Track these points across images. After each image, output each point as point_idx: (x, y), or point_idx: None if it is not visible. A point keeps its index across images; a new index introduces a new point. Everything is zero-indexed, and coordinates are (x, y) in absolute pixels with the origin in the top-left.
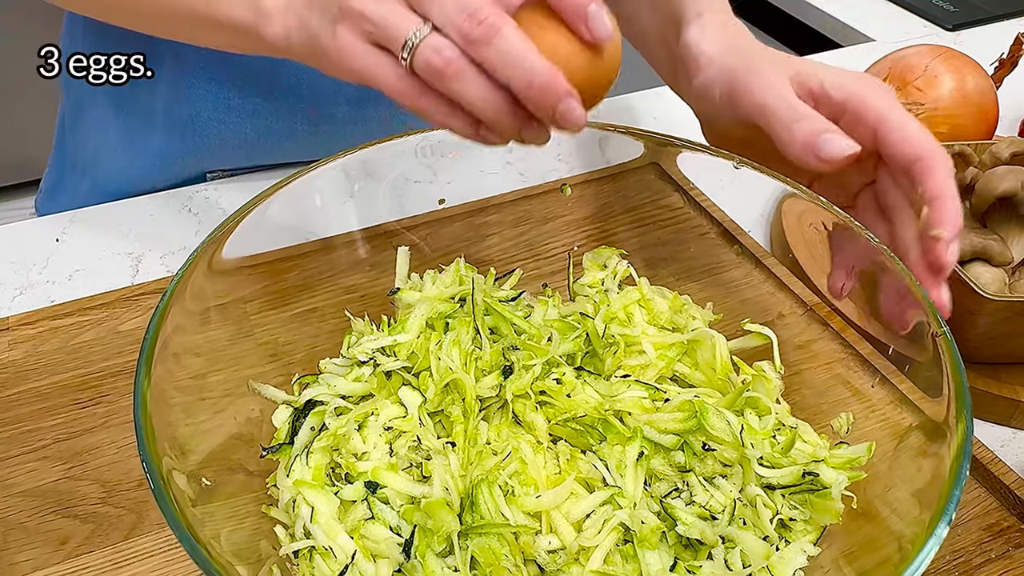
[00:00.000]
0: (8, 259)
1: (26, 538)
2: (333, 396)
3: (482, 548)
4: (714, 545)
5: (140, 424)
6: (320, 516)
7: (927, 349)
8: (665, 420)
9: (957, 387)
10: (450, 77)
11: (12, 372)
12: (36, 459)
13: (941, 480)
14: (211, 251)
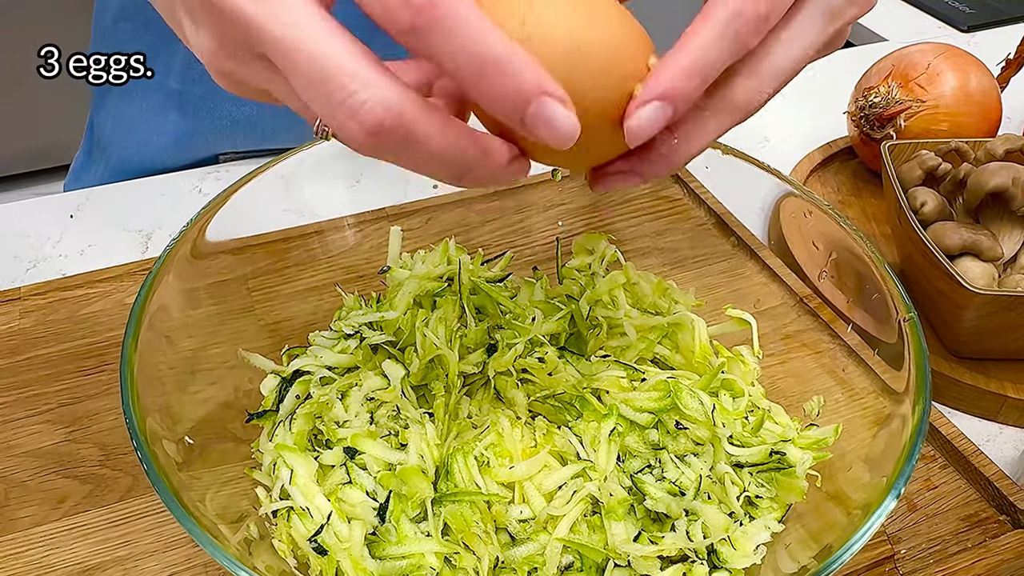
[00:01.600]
0: (24, 233)
1: (27, 496)
2: (319, 367)
3: (454, 515)
4: (678, 517)
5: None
6: (299, 478)
7: (894, 333)
8: (640, 399)
9: (918, 370)
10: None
11: (21, 339)
12: (40, 422)
13: (895, 455)
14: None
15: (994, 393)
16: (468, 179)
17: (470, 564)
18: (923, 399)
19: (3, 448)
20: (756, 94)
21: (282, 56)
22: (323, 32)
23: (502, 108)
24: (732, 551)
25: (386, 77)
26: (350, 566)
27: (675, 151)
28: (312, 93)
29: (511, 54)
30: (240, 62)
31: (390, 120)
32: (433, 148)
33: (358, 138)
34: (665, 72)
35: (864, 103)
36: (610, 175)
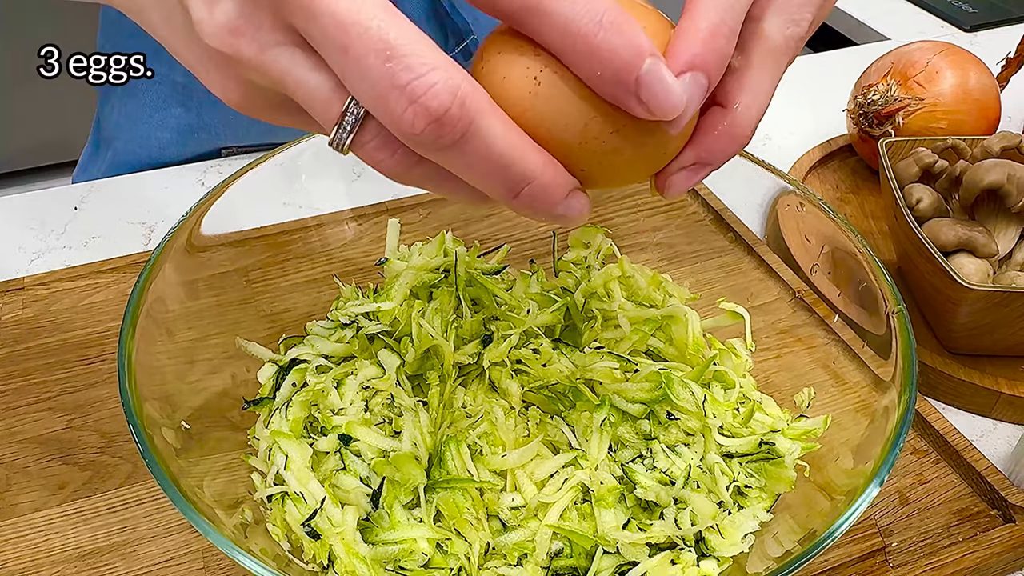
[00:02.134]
0: (28, 225)
1: (28, 482)
2: (316, 355)
3: (446, 501)
4: (667, 506)
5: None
6: (293, 464)
7: (883, 324)
8: (632, 390)
9: (905, 361)
10: (412, 181)
11: (25, 328)
12: (42, 409)
13: (880, 443)
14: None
15: (988, 389)
16: (524, 194)
17: (461, 550)
18: (909, 389)
19: (5, 435)
20: (794, 26)
21: (335, 29)
22: (385, 8)
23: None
24: (720, 539)
25: (453, 63)
26: (343, 550)
27: (737, 121)
28: (367, 73)
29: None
30: (261, 45)
31: (456, 107)
32: (495, 148)
33: (416, 127)
34: (681, 40)
35: (863, 101)
36: (677, 173)
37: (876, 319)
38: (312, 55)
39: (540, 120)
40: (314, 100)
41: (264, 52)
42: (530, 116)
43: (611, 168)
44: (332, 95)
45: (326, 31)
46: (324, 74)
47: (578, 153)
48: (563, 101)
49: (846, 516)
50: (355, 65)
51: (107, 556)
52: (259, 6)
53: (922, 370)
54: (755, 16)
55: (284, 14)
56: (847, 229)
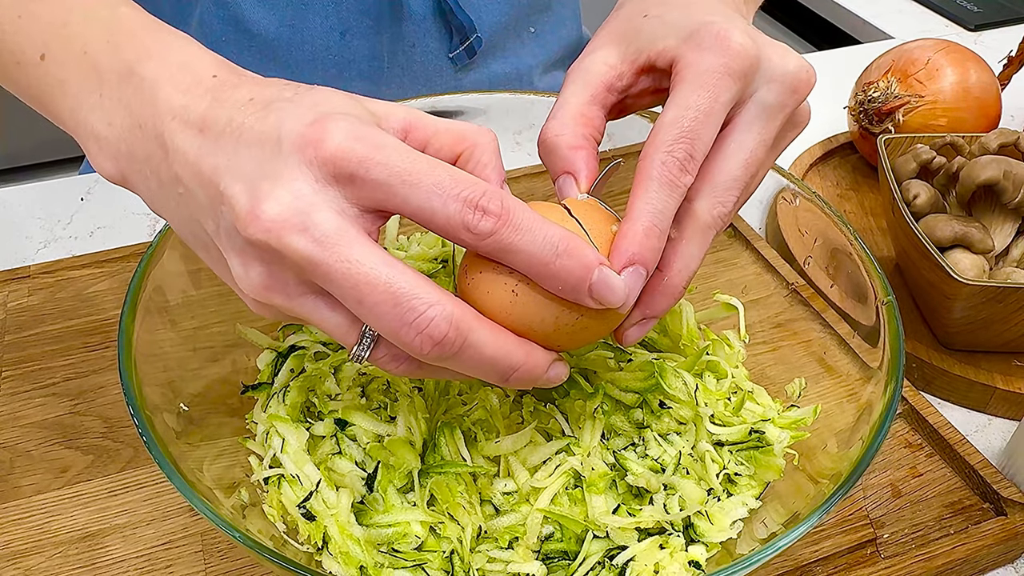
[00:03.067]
0: (35, 215)
1: (31, 465)
2: (314, 342)
3: (440, 486)
4: (656, 492)
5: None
6: (290, 447)
7: (873, 315)
8: (626, 378)
9: (893, 352)
10: (423, 375)
11: (30, 316)
12: (46, 395)
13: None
14: None
15: (983, 384)
16: (514, 378)
17: (454, 533)
18: (896, 377)
19: (9, 419)
20: (720, 207)
21: (350, 288)
22: (384, 263)
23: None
24: (709, 525)
25: (445, 294)
26: (337, 532)
27: (671, 283)
28: (381, 317)
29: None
30: (289, 296)
31: (452, 332)
32: (486, 352)
33: (424, 349)
34: (623, 241)
35: (863, 98)
36: (629, 329)
37: (866, 310)
38: (331, 299)
39: (520, 319)
40: (335, 332)
41: (291, 300)
42: (513, 319)
43: (580, 339)
44: (349, 329)
45: (343, 290)
46: (341, 313)
47: (553, 337)
48: (537, 306)
49: (829, 500)
50: (369, 312)
51: (107, 538)
52: (284, 269)
53: (918, 365)
54: (690, 198)
55: (306, 276)
56: (840, 222)
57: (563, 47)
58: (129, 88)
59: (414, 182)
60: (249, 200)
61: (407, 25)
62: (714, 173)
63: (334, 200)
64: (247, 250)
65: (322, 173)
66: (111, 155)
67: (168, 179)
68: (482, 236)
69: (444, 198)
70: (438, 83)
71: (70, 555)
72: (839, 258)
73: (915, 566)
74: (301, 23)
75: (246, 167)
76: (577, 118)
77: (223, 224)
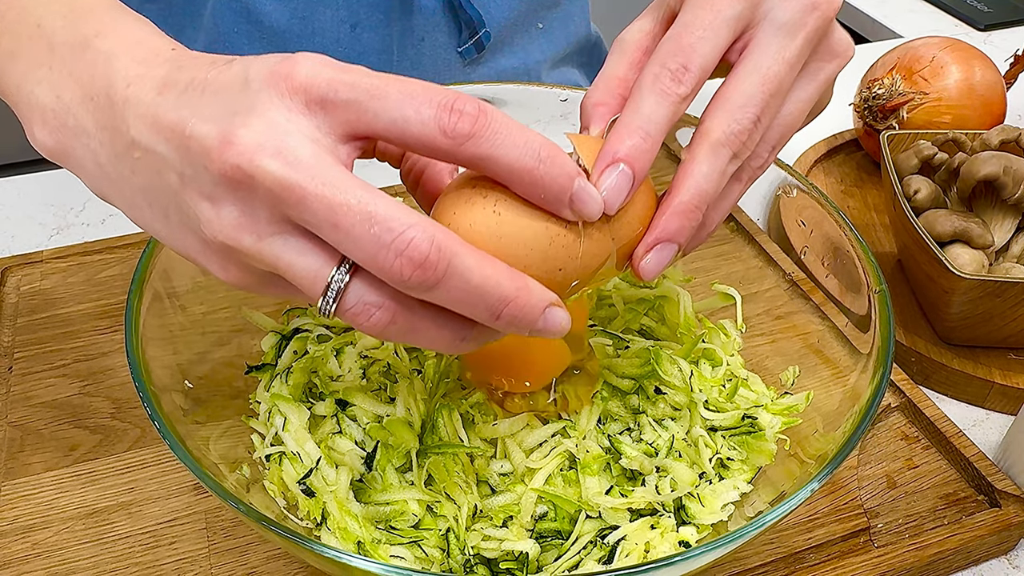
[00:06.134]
0: (49, 202)
1: (41, 443)
2: (317, 325)
3: (437, 466)
4: (649, 474)
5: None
6: (291, 426)
7: (865, 304)
8: (623, 365)
9: (883, 339)
10: (393, 335)
11: (42, 299)
12: (56, 376)
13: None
14: None
15: (981, 379)
16: (505, 314)
17: (450, 512)
18: (884, 364)
19: (21, 398)
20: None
21: (325, 211)
22: (359, 186)
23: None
24: (700, 507)
25: (426, 218)
26: (335, 508)
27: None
28: (357, 240)
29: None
30: (260, 235)
31: (434, 253)
32: (473, 279)
33: (405, 274)
34: (607, 145)
35: (868, 95)
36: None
37: (859, 299)
38: (301, 240)
39: (512, 240)
40: (302, 280)
41: (261, 241)
42: (503, 244)
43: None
44: (317, 275)
45: (318, 214)
46: (310, 257)
47: (552, 256)
48: (523, 217)
49: (815, 477)
50: (346, 236)
51: (114, 515)
52: (256, 201)
53: (917, 359)
54: (702, 120)
55: (281, 208)
56: (836, 214)
57: (571, 43)
58: (82, 62)
59: (383, 95)
60: (220, 132)
61: (417, 19)
62: (727, 93)
63: (308, 129)
64: (217, 188)
65: (294, 103)
66: (54, 128)
67: (122, 147)
68: (460, 139)
69: (417, 104)
70: (447, 77)
71: (77, 530)
72: (834, 248)
73: (908, 555)
74: (312, 15)
75: (213, 110)
76: (611, 83)
77: (189, 168)
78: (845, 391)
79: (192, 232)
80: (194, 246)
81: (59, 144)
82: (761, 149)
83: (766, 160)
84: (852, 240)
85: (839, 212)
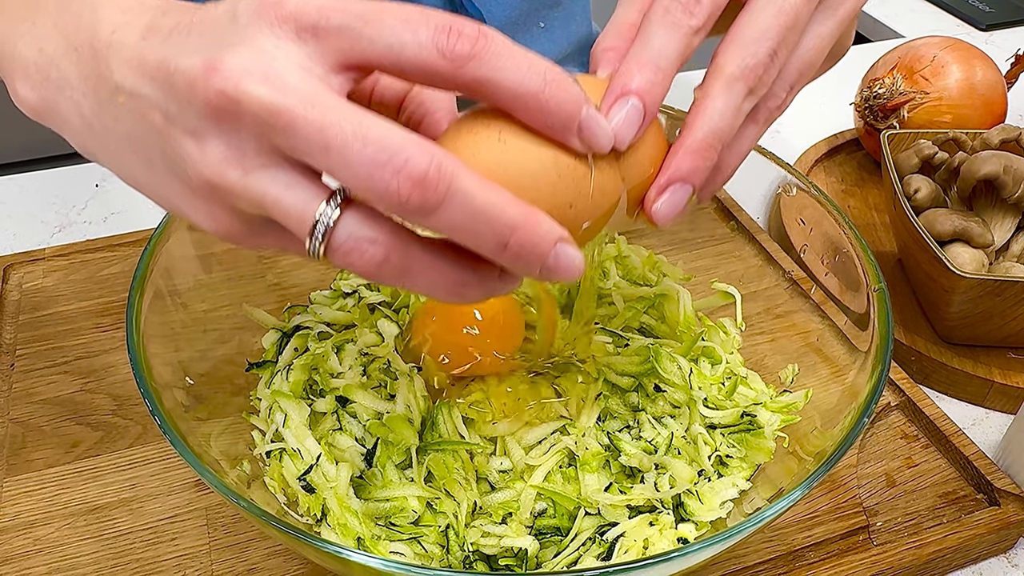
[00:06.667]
0: (51, 200)
1: (42, 440)
2: (318, 323)
3: (437, 462)
4: (648, 470)
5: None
6: (292, 422)
7: (864, 302)
8: (623, 362)
9: (881, 337)
10: (387, 276)
11: (44, 296)
12: (57, 372)
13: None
14: None
15: (981, 378)
16: (513, 244)
17: (450, 508)
18: (883, 361)
19: (23, 395)
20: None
21: (316, 134)
22: (351, 108)
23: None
24: (699, 505)
25: (423, 138)
26: (335, 504)
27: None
28: (350, 161)
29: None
30: (246, 169)
31: (434, 170)
32: (477, 202)
33: (403, 194)
34: (616, 79)
35: (869, 94)
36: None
37: (858, 297)
38: (289, 173)
39: (518, 171)
40: (289, 216)
41: (247, 175)
42: (511, 172)
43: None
44: (305, 210)
45: (308, 138)
46: (299, 191)
47: (561, 190)
48: (531, 147)
49: (813, 475)
50: (338, 158)
51: (115, 511)
52: (243, 132)
53: (917, 358)
54: (715, 55)
55: (268, 137)
56: (835, 212)
57: (573, 42)
58: (67, 14)
59: (377, 20)
60: (205, 61)
61: None
62: (741, 27)
63: (298, 57)
64: (201, 122)
65: (284, 31)
66: (37, 83)
67: (106, 95)
68: (460, 61)
69: (413, 27)
70: None
71: (79, 526)
72: (834, 247)
73: (906, 553)
74: None
75: (200, 45)
76: (621, 28)
77: (174, 104)
78: (844, 389)
79: (177, 178)
80: (180, 193)
81: (42, 100)
82: (778, 88)
83: (784, 101)
84: (851, 238)
85: (838, 210)
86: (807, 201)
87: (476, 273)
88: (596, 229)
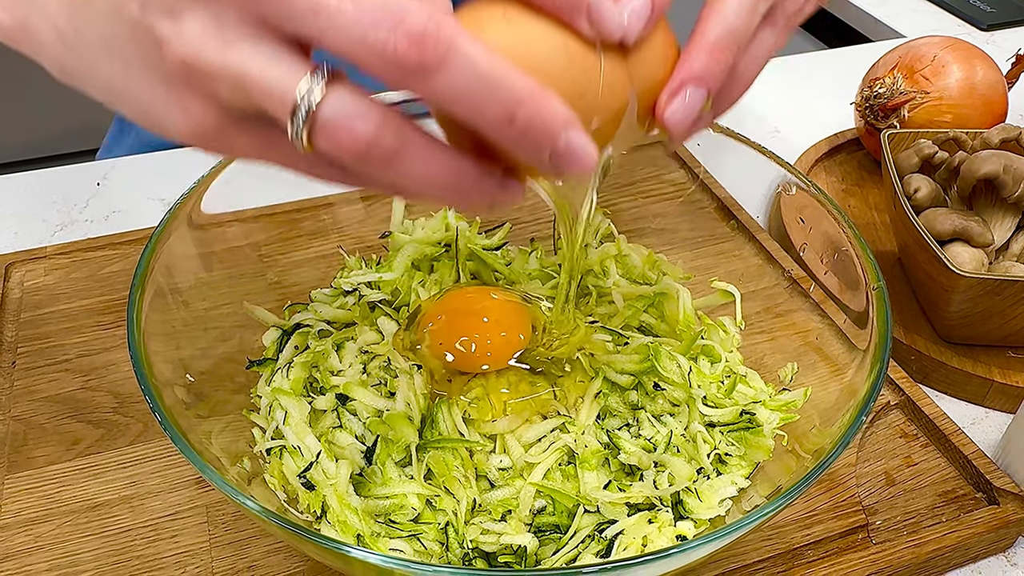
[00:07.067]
0: (52, 199)
1: (44, 437)
2: (318, 320)
3: (437, 460)
4: (647, 468)
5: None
6: (292, 419)
7: (863, 300)
8: (622, 360)
9: (880, 335)
10: (376, 162)
11: (45, 294)
12: (59, 370)
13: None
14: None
15: (981, 377)
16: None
17: (449, 506)
18: (881, 359)
19: (24, 393)
20: None
21: None
22: None
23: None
24: (698, 502)
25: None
26: (335, 501)
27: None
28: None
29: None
30: (227, 42)
31: (433, 28)
32: (480, 67)
33: (400, 50)
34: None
35: (869, 94)
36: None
37: (857, 295)
38: (272, 45)
39: (525, 51)
40: (271, 93)
41: (227, 48)
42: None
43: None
44: (288, 84)
45: (295, 1)
46: (283, 65)
47: (571, 78)
48: (539, 27)
49: (811, 473)
50: (328, 20)
51: (116, 508)
52: (224, 6)
53: (917, 358)
54: None
55: (252, 7)
56: (835, 211)
57: None
58: None
59: None
60: None
61: None
62: None
63: None
64: None
65: None
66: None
67: None
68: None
69: None
70: None
71: (79, 523)
72: (833, 245)
73: (905, 552)
74: None
75: None
76: None
77: None
78: (843, 387)
79: (152, 70)
80: (154, 89)
81: (14, 19)
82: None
83: (801, 5)
84: (851, 237)
85: (838, 210)
86: (807, 200)
87: (476, 167)
88: (605, 134)
